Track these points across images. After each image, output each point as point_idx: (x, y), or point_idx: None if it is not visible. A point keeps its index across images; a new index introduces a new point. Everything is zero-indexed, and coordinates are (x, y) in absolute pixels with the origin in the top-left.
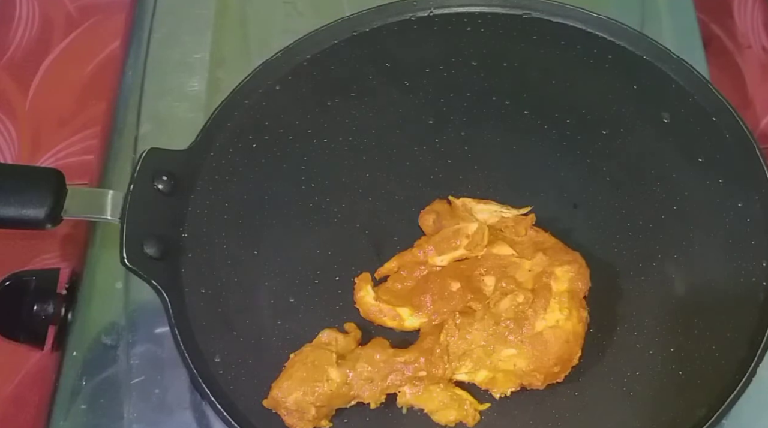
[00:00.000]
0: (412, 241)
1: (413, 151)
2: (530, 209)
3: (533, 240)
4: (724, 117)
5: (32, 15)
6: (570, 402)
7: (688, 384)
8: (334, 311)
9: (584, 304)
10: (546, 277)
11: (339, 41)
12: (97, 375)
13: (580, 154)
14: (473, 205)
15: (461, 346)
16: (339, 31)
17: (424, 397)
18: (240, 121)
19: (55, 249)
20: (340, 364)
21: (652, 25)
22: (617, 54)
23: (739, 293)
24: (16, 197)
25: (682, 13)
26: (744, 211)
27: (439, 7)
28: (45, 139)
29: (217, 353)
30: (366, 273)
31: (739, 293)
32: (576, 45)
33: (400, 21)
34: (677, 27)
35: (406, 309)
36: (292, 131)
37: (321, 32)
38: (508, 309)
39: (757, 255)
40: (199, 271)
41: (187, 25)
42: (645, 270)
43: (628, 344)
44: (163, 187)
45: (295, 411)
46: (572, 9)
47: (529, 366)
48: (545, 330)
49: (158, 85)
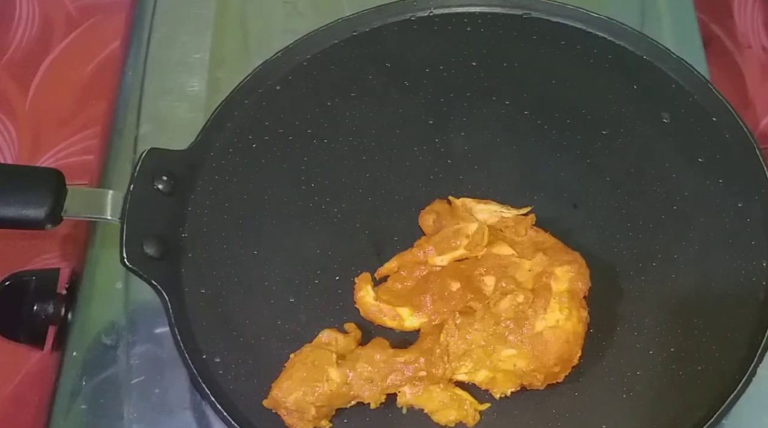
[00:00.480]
0: (412, 241)
1: (413, 151)
2: (530, 209)
3: (533, 240)
4: (724, 117)
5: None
6: (570, 402)
7: (688, 384)
8: (334, 311)
9: (584, 304)
10: (546, 277)
11: (339, 41)
12: (97, 375)
13: (580, 154)
14: (473, 204)
15: (461, 346)
16: (339, 31)
17: (424, 397)
18: (240, 121)
19: (55, 249)
20: (340, 364)
21: (652, 25)
22: (617, 54)
23: (739, 293)
24: (17, 197)
25: (682, 13)
26: (744, 210)
27: (439, 7)
28: (45, 139)
29: (217, 353)
30: (366, 273)
31: (739, 293)
32: (576, 45)
33: (400, 21)
34: (677, 27)
35: (406, 309)
36: (291, 131)
37: (321, 32)
38: (508, 309)
39: (757, 255)
40: (199, 271)
41: (187, 25)
42: (645, 270)
43: (628, 344)
44: (163, 186)
45: (295, 411)
46: (572, 9)
47: (529, 366)
48: (545, 330)
49: (158, 85)
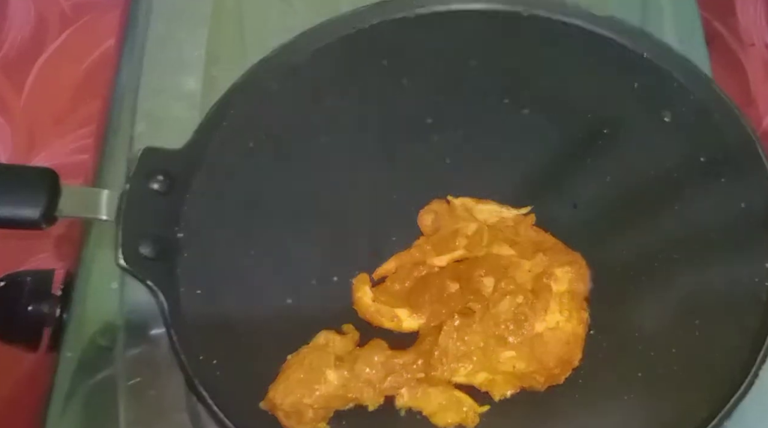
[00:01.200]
0: (411, 242)
1: (412, 150)
2: (530, 209)
3: (533, 241)
4: (726, 115)
5: (26, 13)
6: (569, 402)
7: (689, 386)
8: (331, 312)
9: (585, 306)
10: (546, 278)
11: (336, 39)
12: (92, 377)
13: (580, 153)
14: (472, 205)
15: (460, 348)
16: (336, 28)
17: (423, 399)
18: (236, 119)
19: (50, 250)
20: (337, 366)
21: (654, 22)
22: (618, 52)
23: (741, 294)
24: (11, 197)
25: (685, 11)
26: (746, 210)
27: (439, 4)
28: (39, 138)
29: (212, 354)
30: (364, 274)
31: (741, 294)
32: (577, 43)
33: (398, 18)
34: (679, 24)
35: (404, 310)
36: (288, 129)
37: (318, 30)
38: (507, 311)
39: (759, 255)
40: (194, 271)
41: (183, 22)
42: (645, 271)
43: (627, 345)
44: (158, 186)
45: (292, 413)
46: (573, 6)
47: (529, 367)
48: (545, 331)
49: (153, 83)
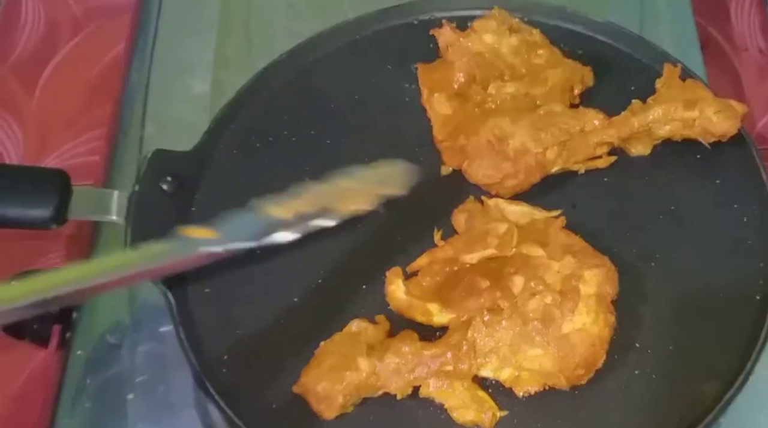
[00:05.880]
0: (410, 243)
1: (416, 153)
2: (560, 212)
3: (563, 243)
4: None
5: (38, 17)
6: (569, 402)
7: (686, 384)
8: (336, 310)
9: (612, 309)
10: (575, 280)
11: (342, 44)
12: (101, 374)
13: None
14: (505, 205)
15: (488, 343)
16: (342, 33)
17: (447, 393)
18: (244, 122)
19: (60, 249)
20: (368, 354)
21: (651, 28)
22: (616, 57)
23: (737, 293)
24: (22, 197)
25: (680, 17)
26: (741, 211)
27: (441, 10)
28: (51, 139)
29: (220, 351)
30: (397, 268)
31: (737, 293)
32: (575, 48)
33: (402, 24)
34: (675, 30)
35: (435, 304)
36: (296, 133)
37: (324, 35)
38: (535, 310)
39: (754, 255)
40: (202, 270)
41: (192, 27)
42: (643, 271)
43: (627, 344)
44: (167, 187)
45: (323, 398)
46: (571, 12)
47: (555, 367)
48: (572, 332)
49: (163, 86)
